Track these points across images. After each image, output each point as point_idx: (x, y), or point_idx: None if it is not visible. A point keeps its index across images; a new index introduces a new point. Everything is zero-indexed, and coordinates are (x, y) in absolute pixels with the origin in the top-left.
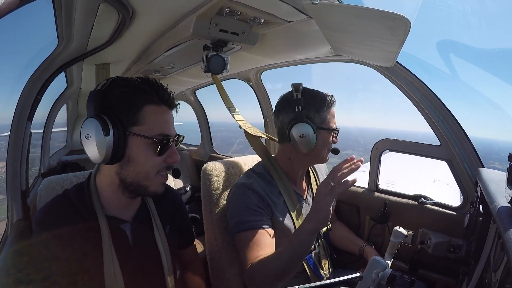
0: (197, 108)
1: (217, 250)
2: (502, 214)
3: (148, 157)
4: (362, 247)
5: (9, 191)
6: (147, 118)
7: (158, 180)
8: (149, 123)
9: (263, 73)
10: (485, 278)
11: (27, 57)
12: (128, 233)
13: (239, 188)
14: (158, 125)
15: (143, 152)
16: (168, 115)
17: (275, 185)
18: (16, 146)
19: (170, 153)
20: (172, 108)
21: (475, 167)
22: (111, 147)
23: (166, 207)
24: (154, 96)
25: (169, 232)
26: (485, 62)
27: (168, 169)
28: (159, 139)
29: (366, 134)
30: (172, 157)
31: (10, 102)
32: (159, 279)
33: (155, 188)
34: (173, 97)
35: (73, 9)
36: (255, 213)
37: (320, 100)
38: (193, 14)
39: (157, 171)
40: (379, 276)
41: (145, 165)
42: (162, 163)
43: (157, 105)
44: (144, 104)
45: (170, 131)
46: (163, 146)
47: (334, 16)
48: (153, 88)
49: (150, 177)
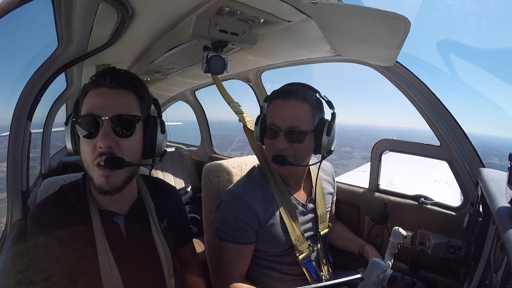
0: (197, 108)
1: (216, 250)
2: (501, 214)
3: (82, 142)
4: (362, 246)
5: (10, 191)
6: (84, 103)
7: (96, 171)
8: (83, 107)
9: (263, 73)
10: (486, 279)
11: (27, 58)
12: (121, 226)
13: (228, 194)
14: (87, 107)
15: (81, 137)
16: (103, 95)
17: (269, 189)
18: (16, 146)
19: (98, 136)
20: (115, 87)
21: (476, 167)
22: (68, 134)
23: (164, 203)
24: (94, 82)
25: (166, 229)
26: (485, 61)
27: (101, 157)
28: (81, 120)
29: (366, 132)
30: (98, 141)
31: (10, 103)
32: (156, 274)
33: (97, 181)
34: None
35: (73, 8)
36: (241, 229)
37: (272, 91)
38: (192, 14)
39: (92, 159)
40: (380, 278)
41: (83, 151)
42: (94, 148)
43: (95, 89)
44: (87, 91)
45: (98, 111)
46: (87, 128)
47: (334, 15)
48: (95, 75)
49: (90, 166)
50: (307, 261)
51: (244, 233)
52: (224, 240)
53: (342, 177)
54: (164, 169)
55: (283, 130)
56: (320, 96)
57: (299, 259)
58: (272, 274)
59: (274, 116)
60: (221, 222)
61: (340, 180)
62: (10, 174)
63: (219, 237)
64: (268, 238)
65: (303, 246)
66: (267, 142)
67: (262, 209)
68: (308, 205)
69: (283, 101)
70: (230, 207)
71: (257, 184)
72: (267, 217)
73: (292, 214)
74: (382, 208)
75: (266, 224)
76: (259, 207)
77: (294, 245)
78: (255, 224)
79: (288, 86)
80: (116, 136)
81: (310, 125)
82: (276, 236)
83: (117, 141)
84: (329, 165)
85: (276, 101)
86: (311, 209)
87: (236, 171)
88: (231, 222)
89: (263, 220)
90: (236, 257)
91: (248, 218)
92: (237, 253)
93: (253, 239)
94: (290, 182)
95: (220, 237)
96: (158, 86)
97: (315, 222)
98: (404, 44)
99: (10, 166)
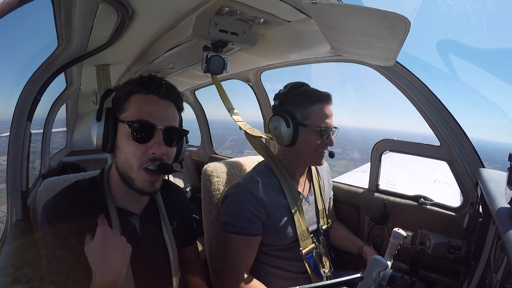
0: (197, 108)
1: (216, 250)
2: (501, 215)
3: (129, 144)
4: (361, 247)
5: (9, 191)
6: (131, 105)
7: (142, 175)
8: (131, 110)
9: (262, 73)
10: (486, 279)
11: (27, 58)
12: (137, 226)
13: (235, 187)
14: (139, 112)
15: (124, 138)
16: (156, 103)
17: (277, 181)
18: (16, 145)
19: (152, 143)
20: (165, 98)
21: (476, 167)
22: (101, 132)
23: (173, 204)
24: (142, 86)
25: (176, 230)
26: (484, 62)
27: (153, 162)
28: (137, 125)
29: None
30: (152, 148)
31: (10, 102)
32: (165, 275)
33: (140, 184)
34: (167, 87)
35: (73, 8)
36: (248, 220)
37: (306, 97)
38: (192, 13)
39: (140, 163)
40: (380, 276)
41: (126, 152)
42: (144, 153)
43: (144, 94)
44: (132, 93)
45: (152, 119)
46: (140, 132)
47: (334, 15)
48: (142, 80)
49: (134, 168)
50: (310, 256)
51: (251, 224)
52: (231, 233)
53: (342, 177)
54: None
55: (333, 130)
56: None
57: (303, 253)
58: (275, 272)
59: (324, 119)
60: (228, 215)
61: (341, 180)
62: (9, 174)
63: (226, 230)
64: (275, 230)
65: (307, 242)
66: (317, 140)
67: (269, 200)
68: (309, 197)
69: (328, 105)
70: (237, 199)
71: (264, 177)
72: (274, 208)
73: (299, 206)
74: (382, 209)
75: (273, 215)
76: (267, 198)
77: (299, 239)
78: (262, 216)
79: (317, 90)
80: (165, 144)
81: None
82: (283, 228)
83: (165, 149)
84: (325, 164)
85: (320, 105)
86: (312, 202)
87: (236, 172)
88: (239, 214)
89: (271, 211)
90: (244, 249)
91: (256, 209)
92: (245, 245)
93: (260, 230)
94: (296, 176)
95: (228, 229)
96: None
97: (317, 215)
98: (404, 44)
99: (10, 166)
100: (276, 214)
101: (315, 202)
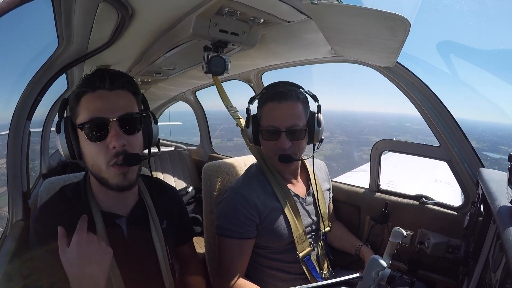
0: (197, 108)
1: (216, 250)
2: (502, 214)
3: (90, 146)
4: (359, 247)
5: (10, 192)
6: (82, 108)
7: (111, 172)
8: (83, 112)
9: (264, 74)
10: (485, 279)
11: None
12: (124, 228)
13: (227, 192)
14: (89, 111)
15: (85, 142)
16: (104, 98)
17: (269, 185)
18: (15, 145)
19: (109, 138)
20: (112, 89)
21: (476, 167)
22: (64, 143)
23: (164, 203)
24: (88, 86)
25: (166, 229)
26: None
27: (117, 157)
28: (88, 125)
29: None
30: (110, 142)
31: (10, 103)
32: (155, 275)
33: (114, 181)
34: (111, 77)
35: (73, 8)
36: (242, 224)
37: (262, 96)
38: (192, 13)
39: (106, 161)
40: (379, 276)
41: (90, 155)
42: (106, 150)
43: (91, 93)
44: (81, 96)
45: (103, 114)
46: (94, 131)
47: (334, 16)
48: (86, 79)
49: (102, 168)
50: (307, 259)
51: (245, 227)
52: (225, 237)
53: (342, 177)
54: (164, 169)
55: (284, 131)
56: (305, 91)
57: (299, 257)
58: (272, 273)
59: (271, 119)
60: (222, 219)
61: (341, 180)
62: (10, 175)
63: (220, 234)
64: (269, 232)
65: (304, 245)
66: (267, 144)
67: (262, 202)
68: (307, 198)
69: (279, 104)
70: (230, 203)
71: (256, 179)
72: (268, 210)
73: (294, 208)
74: (383, 208)
75: (267, 217)
76: (259, 200)
77: (295, 241)
78: (256, 218)
79: (277, 88)
80: (125, 134)
81: (304, 120)
82: (278, 229)
83: (126, 139)
84: (321, 162)
85: (270, 105)
86: (310, 202)
87: (236, 171)
88: (232, 218)
89: (264, 213)
90: (238, 253)
91: (249, 212)
92: (239, 249)
93: (254, 233)
94: (287, 177)
95: (221, 233)
96: (159, 86)
97: (317, 218)
98: (405, 45)
99: (10, 167)
100: (270, 216)
101: (314, 204)
